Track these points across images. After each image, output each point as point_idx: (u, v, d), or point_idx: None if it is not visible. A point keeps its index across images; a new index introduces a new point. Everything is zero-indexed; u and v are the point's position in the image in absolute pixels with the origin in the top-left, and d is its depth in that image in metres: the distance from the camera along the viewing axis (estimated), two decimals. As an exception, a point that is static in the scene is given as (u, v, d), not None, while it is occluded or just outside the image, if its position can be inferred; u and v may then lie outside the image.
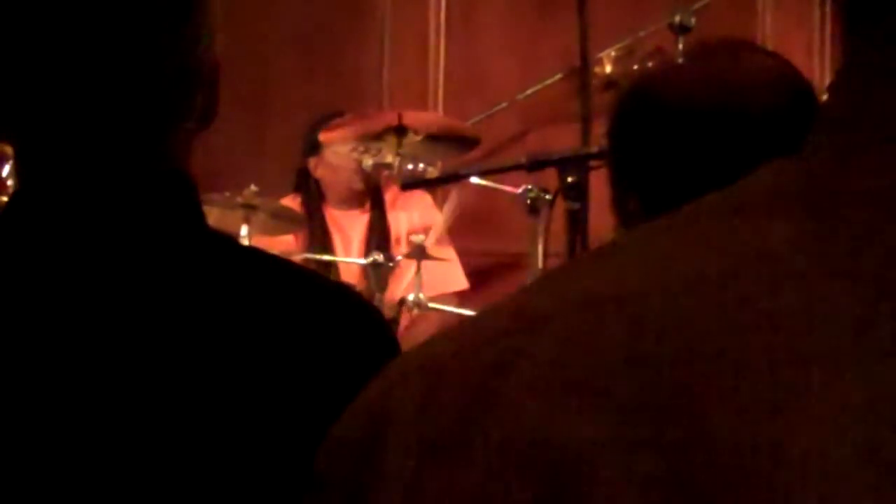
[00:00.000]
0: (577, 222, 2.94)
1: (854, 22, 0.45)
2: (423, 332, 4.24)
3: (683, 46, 3.57)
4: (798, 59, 1.95)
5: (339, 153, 4.28)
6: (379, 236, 4.37)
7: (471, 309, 4.11)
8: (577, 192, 2.89)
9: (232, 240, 1.22)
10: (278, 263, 1.19)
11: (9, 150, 1.28)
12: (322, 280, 1.28)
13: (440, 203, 4.53)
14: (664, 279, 0.42)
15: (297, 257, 4.16)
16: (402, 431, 0.43)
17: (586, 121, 3.39)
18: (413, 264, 3.91)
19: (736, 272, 0.41)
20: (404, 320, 4.10)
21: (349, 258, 4.28)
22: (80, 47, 1.11)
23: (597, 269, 0.45)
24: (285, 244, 4.33)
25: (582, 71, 3.47)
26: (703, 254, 0.42)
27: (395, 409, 0.43)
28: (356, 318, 1.16)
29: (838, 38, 0.46)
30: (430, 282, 4.17)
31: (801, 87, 1.45)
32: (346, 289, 1.28)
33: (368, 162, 3.99)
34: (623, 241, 0.46)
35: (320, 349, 1.12)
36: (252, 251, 1.22)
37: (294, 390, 1.10)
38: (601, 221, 2.14)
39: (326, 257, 4.26)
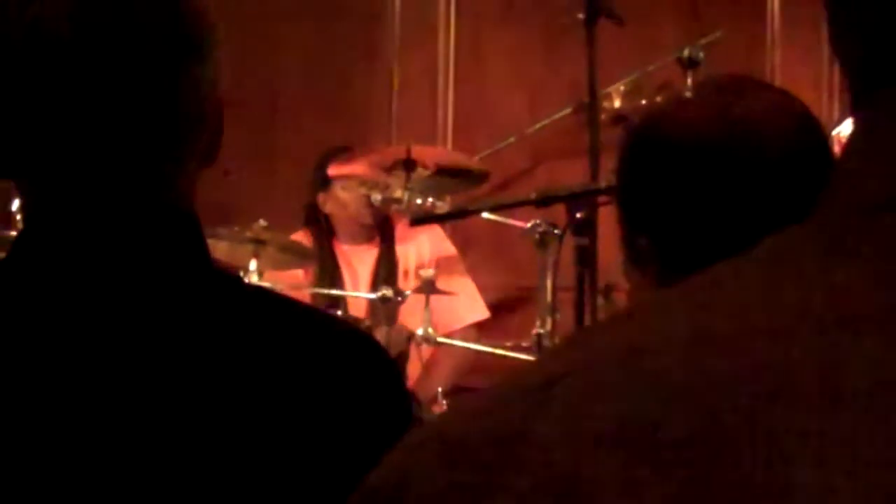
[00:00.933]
0: (585, 257, 2.94)
1: (869, 86, 0.45)
2: (441, 371, 4.25)
3: (692, 81, 3.57)
4: (806, 95, 1.95)
5: (348, 188, 4.29)
6: (387, 270, 4.36)
7: (481, 343, 4.10)
8: (586, 228, 2.89)
9: (237, 279, 1.21)
10: (283, 303, 1.19)
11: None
12: (327, 319, 1.27)
13: (449, 235, 4.53)
14: (685, 335, 0.42)
15: (306, 291, 4.15)
16: (424, 491, 0.42)
17: (595, 155, 3.39)
18: (423, 298, 3.90)
19: (751, 331, 0.41)
20: (415, 355, 4.10)
21: (358, 293, 4.28)
22: (87, 88, 1.11)
23: (616, 329, 0.45)
24: (294, 278, 4.33)
25: (590, 105, 3.47)
26: (717, 314, 0.43)
27: (418, 469, 0.43)
28: (360, 358, 1.16)
29: (847, 92, 0.45)
30: (451, 316, 4.17)
31: (809, 124, 1.44)
32: (351, 327, 1.27)
33: (378, 196, 3.99)
34: (642, 303, 0.46)
35: (325, 389, 1.12)
36: (257, 291, 1.22)
37: (299, 431, 1.10)
38: (610, 257, 2.14)
39: (335, 291, 4.26)
